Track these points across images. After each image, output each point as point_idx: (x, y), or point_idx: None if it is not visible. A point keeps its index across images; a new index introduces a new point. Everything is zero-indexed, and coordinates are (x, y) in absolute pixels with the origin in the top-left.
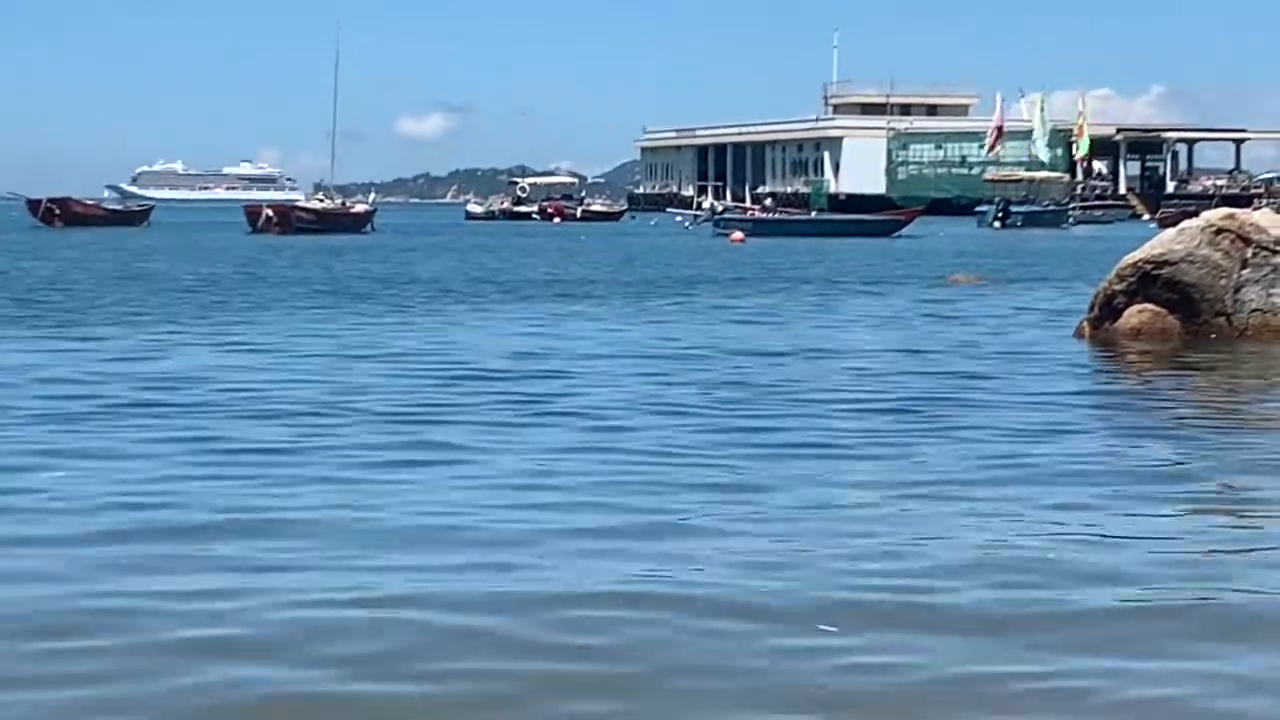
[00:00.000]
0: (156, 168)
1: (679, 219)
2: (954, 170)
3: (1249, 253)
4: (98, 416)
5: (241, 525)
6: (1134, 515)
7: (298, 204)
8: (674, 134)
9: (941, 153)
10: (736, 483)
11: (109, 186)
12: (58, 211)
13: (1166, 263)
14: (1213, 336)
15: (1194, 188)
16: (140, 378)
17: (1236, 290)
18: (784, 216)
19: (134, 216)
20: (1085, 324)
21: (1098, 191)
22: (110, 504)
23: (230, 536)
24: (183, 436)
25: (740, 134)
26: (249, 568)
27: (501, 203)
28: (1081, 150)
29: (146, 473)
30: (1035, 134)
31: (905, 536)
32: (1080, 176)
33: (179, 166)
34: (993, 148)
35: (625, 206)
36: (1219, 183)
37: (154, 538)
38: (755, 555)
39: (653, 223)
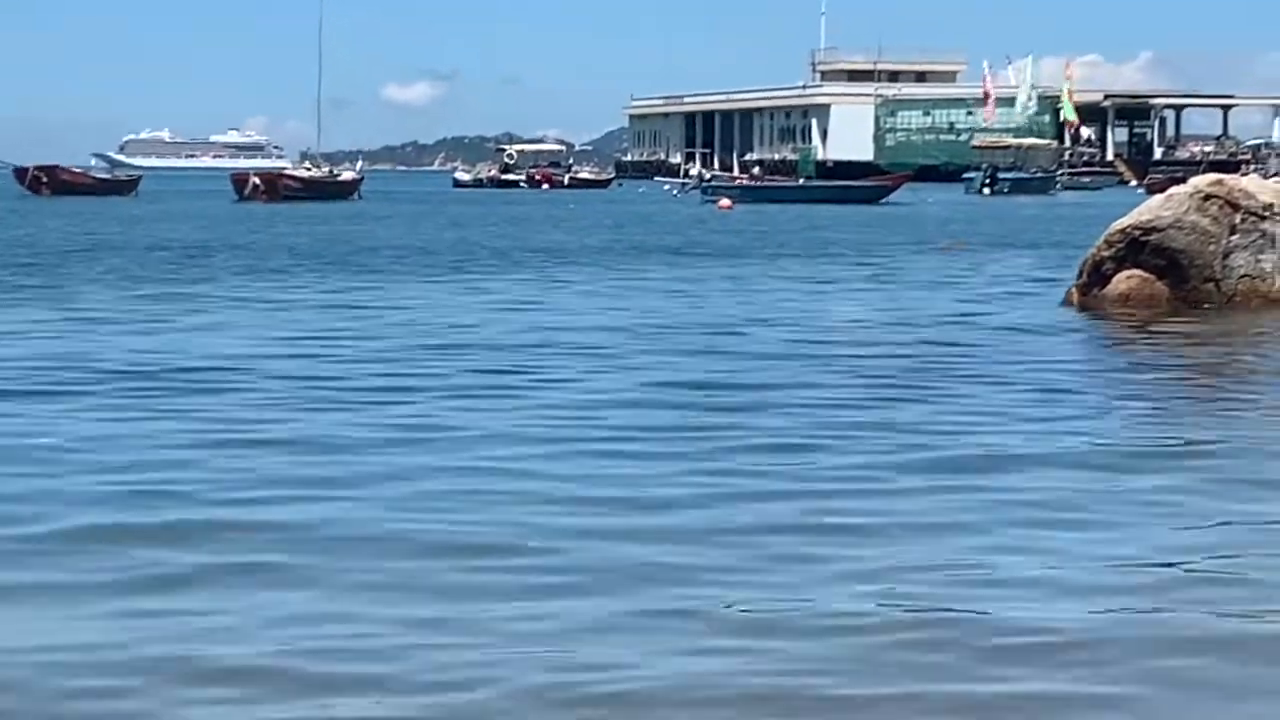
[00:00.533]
0: (143, 136)
1: (667, 186)
2: (942, 137)
3: (1237, 219)
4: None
5: None
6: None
7: (285, 171)
8: (662, 101)
9: (929, 119)
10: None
11: (96, 155)
12: (45, 180)
13: (1155, 229)
14: (1206, 307)
15: (1182, 154)
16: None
17: (1225, 256)
18: (771, 184)
19: (123, 185)
20: (1074, 290)
21: (1085, 158)
22: None
23: None
24: None
25: (728, 101)
26: None
27: (489, 170)
28: (1067, 114)
29: None
30: (1021, 100)
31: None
32: (1068, 143)
33: (166, 135)
34: (989, 115)
35: (613, 174)
36: (1207, 149)
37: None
38: None
39: (641, 190)
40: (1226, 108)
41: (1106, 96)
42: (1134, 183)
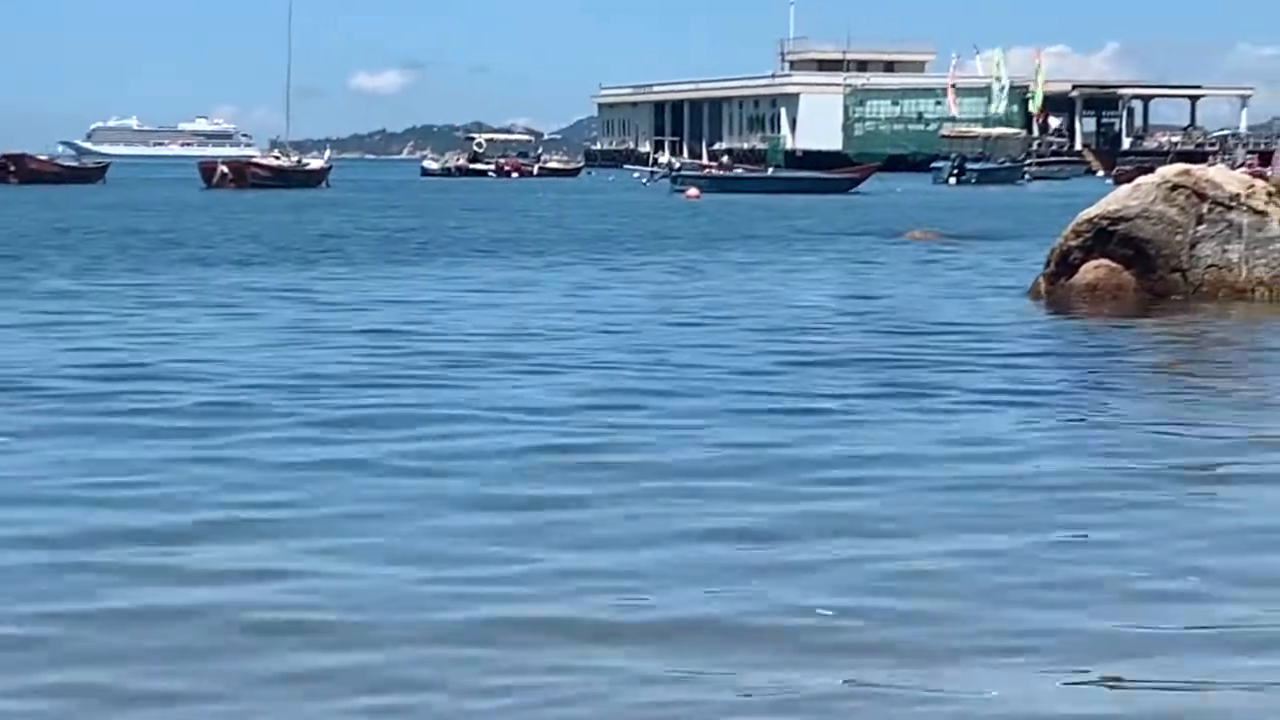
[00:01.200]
0: (111, 124)
1: (636, 175)
2: (911, 126)
3: (1204, 209)
4: None
5: None
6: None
7: (253, 160)
8: (631, 90)
9: (898, 109)
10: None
11: (63, 143)
12: (13, 168)
13: (1122, 219)
14: (1174, 297)
15: (1149, 144)
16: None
17: (1192, 246)
18: (740, 174)
19: (91, 173)
20: (1042, 280)
21: (1054, 148)
22: None
23: None
24: None
25: (697, 90)
26: None
27: (458, 159)
28: (1036, 103)
29: None
30: (996, 90)
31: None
32: (1036, 133)
33: (134, 123)
34: (953, 105)
35: (582, 163)
36: (1174, 139)
37: None
38: None
39: (610, 179)
40: (1194, 98)
41: (1074, 87)
42: (1102, 173)
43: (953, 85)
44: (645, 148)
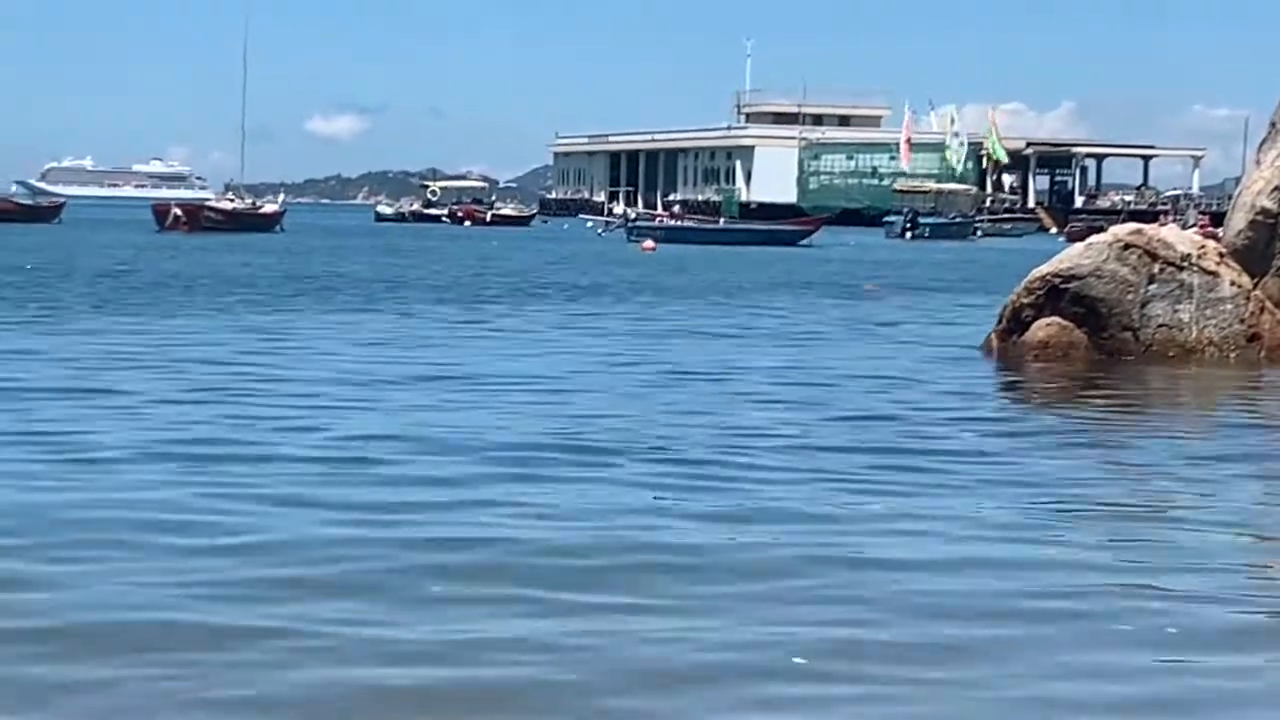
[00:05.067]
0: (66, 164)
1: (590, 224)
2: (865, 181)
3: (1156, 268)
4: None
5: None
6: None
7: (207, 203)
8: (587, 139)
9: (853, 163)
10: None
11: (18, 182)
12: None
13: (1074, 277)
14: (1127, 358)
15: (1102, 203)
16: None
17: (1143, 305)
18: (694, 224)
19: (47, 212)
20: (993, 336)
21: (1006, 205)
22: None
23: None
24: None
25: (653, 141)
26: None
27: (412, 205)
28: (998, 155)
29: None
30: (948, 146)
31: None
32: (990, 190)
33: (88, 163)
34: (906, 160)
35: (536, 210)
36: (1127, 198)
37: None
38: None
39: (565, 227)
40: (1147, 158)
41: (1029, 144)
42: (1054, 230)
43: (908, 140)
44: (600, 197)
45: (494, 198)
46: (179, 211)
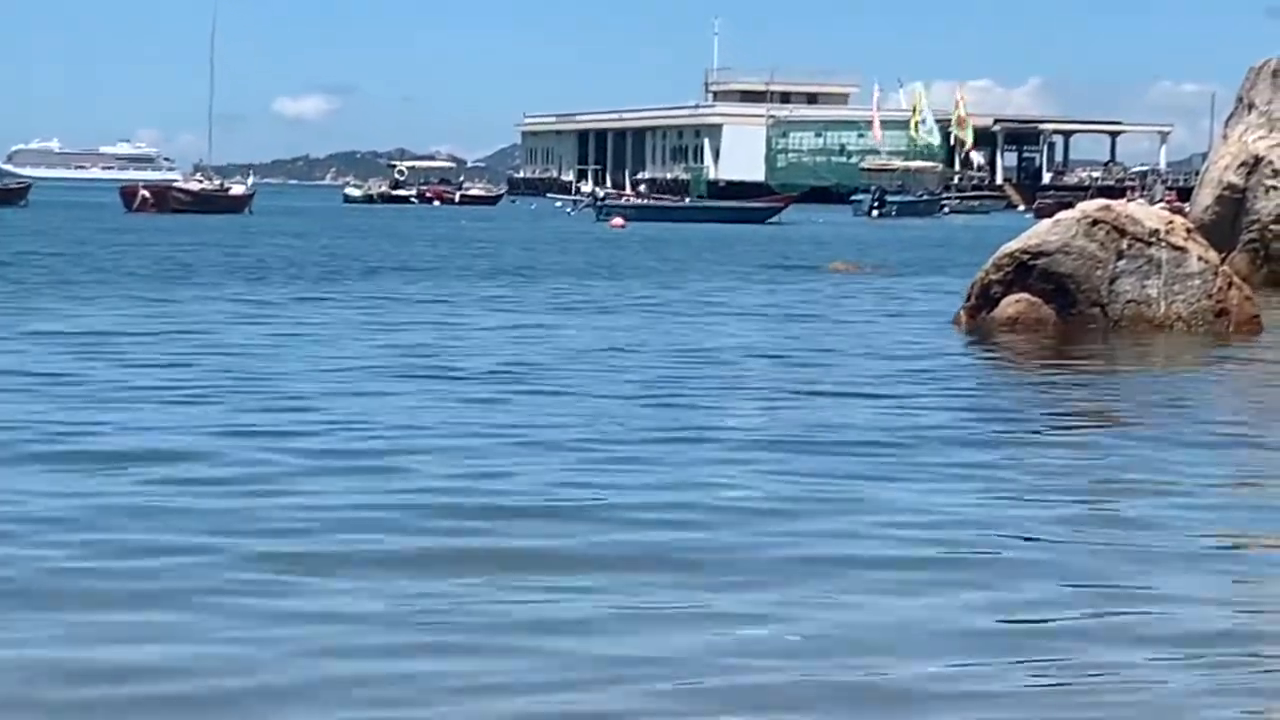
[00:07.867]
0: (32, 146)
1: (559, 204)
2: (833, 159)
3: (1124, 244)
4: None
5: None
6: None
7: (174, 185)
8: (555, 119)
9: (821, 141)
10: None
11: None
12: None
13: (1043, 253)
14: (1091, 327)
15: (1070, 179)
16: None
17: (1111, 281)
18: (662, 203)
19: (12, 195)
20: (963, 313)
21: (974, 181)
22: None
23: None
24: None
25: (621, 120)
26: None
27: (380, 186)
28: (966, 137)
29: None
30: (918, 123)
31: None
32: (958, 166)
33: (55, 145)
34: (876, 137)
35: (504, 190)
36: (1094, 174)
37: None
38: None
39: (533, 207)
40: (1115, 134)
41: (996, 121)
42: (1022, 207)
43: (877, 118)
44: (569, 176)
45: (462, 178)
46: (147, 193)
